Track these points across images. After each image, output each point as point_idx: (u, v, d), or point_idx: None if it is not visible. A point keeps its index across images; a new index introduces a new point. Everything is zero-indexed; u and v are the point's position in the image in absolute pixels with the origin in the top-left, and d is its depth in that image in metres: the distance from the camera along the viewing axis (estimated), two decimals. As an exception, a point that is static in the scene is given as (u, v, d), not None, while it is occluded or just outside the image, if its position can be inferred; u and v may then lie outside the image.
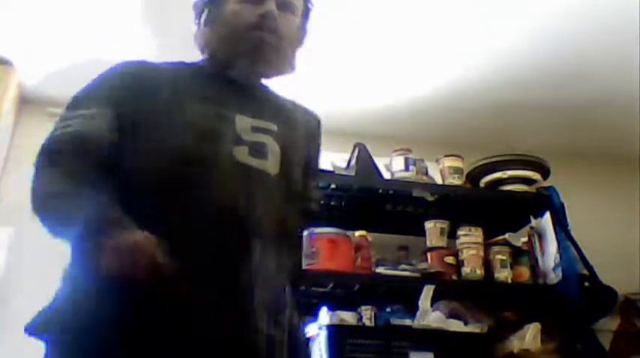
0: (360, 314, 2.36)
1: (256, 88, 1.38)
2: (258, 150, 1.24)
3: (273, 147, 1.27)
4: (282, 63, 1.36)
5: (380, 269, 2.44)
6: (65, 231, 1.10)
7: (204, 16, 1.39)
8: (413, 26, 2.50)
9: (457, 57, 2.67)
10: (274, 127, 1.30)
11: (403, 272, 2.45)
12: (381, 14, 2.42)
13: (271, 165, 1.25)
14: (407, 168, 2.63)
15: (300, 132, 1.38)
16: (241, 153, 1.22)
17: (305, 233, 1.40)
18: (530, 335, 2.31)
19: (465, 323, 2.32)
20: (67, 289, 1.13)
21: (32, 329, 1.09)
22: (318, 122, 1.46)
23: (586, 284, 2.48)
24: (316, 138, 1.45)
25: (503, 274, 2.55)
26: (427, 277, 2.46)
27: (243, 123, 1.26)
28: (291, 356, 1.18)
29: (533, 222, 2.64)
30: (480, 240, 2.59)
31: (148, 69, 1.32)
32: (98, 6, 2.36)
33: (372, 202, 2.60)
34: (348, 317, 2.30)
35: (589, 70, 2.71)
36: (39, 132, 1.26)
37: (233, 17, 1.33)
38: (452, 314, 2.34)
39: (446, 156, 2.72)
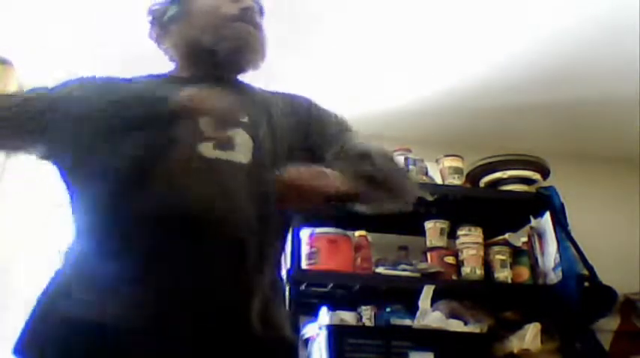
0: (360, 314, 2.36)
1: (228, 84, 1.35)
2: (224, 143, 1.22)
3: (242, 137, 1.25)
4: (261, 56, 1.37)
5: (380, 270, 2.44)
6: None
7: (167, 16, 1.39)
8: (413, 28, 2.49)
9: (457, 58, 2.67)
10: (244, 119, 1.28)
11: (403, 272, 2.45)
12: (382, 16, 2.42)
13: (241, 154, 1.23)
14: (407, 168, 2.63)
15: (286, 117, 1.36)
16: (206, 148, 1.21)
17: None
18: (530, 335, 2.31)
19: (465, 323, 2.32)
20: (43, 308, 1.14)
21: (15, 350, 1.12)
22: (308, 101, 1.44)
23: (586, 284, 2.48)
24: (311, 113, 1.41)
25: (503, 274, 2.55)
26: (427, 277, 2.46)
27: (207, 122, 1.24)
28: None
29: (533, 222, 2.64)
30: (480, 240, 2.59)
31: (112, 85, 1.31)
32: (98, 6, 2.36)
33: (372, 202, 2.60)
34: (348, 317, 2.30)
35: (589, 70, 2.71)
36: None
37: (213, 9, 1.34)
38: (452, 314, 2.34)
39: (446, 156, 2.72)
